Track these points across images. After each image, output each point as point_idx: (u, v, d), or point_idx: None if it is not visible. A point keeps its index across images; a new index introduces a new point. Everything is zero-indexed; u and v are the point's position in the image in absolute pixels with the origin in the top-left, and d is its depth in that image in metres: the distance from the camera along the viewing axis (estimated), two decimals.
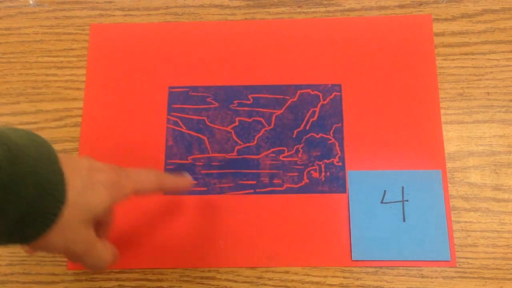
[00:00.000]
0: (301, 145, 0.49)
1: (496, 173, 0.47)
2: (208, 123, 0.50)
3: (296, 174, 0.48)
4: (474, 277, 0.44)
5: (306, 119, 0.49)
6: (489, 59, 0.51)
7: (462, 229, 0.46)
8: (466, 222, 0.46)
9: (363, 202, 0.46)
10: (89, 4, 0.54)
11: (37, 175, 0.29)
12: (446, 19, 0.52)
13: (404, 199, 0.46)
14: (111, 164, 0.37)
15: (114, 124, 0.50)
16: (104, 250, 0.36)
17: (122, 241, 0.47)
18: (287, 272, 0.45)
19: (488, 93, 0.50)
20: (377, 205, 0.46)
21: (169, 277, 0.46)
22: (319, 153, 0.48)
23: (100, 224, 0.39)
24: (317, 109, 0.50)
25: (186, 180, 0.43)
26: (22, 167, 0.29)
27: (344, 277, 0.45)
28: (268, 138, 0.49)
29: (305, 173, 0.48)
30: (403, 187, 0.47)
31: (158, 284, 0.46)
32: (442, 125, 0.49)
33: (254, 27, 0.53)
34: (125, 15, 0.54)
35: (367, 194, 0.47)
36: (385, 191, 0.47)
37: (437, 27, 0.52)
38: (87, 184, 0.34)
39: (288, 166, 0.48)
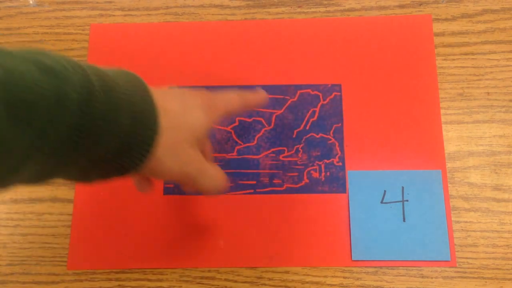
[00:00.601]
0: (301, 145, 0.49)
1: (496, 173, 0.47)
2: None
3: (296, 174, 0.48)
4: (474, 277, 0.44)
5: (306, 119, 0.49)
6: (489, 59, 0.51)
7: (462, 229, 0.46)
8: (466, 222, 0.46)
9: (363, 202, 0.46)
10: (89, 4, 0.54)
11: (131, 104, 0.30)
12: (446, 19, 0.52)
13: (404, 199, 0.46)
14: (200, 89, 0.39)
15: None
16: (216, 170, 0.38)
17: (122, 241, 0.47)
18: (287, 272, 0.45)
19: (488, 93, 0.50)
20: (377, 205, 0.46)
21: (169, 277, 0.46)
22: (319, 153, 0.48)
23: (202, 151, 0.39)
24: (317, 109, 0.50)
25: (262, 94, 0.44)
26: (117, 97, 0.29)
27: (344, 277, 0.45)
28: (268, 138, 0.49)
29: (305, 173, 0.48)
30: (403, 187, 0.47)
31: (158, 284, 0.46)
32: (442, 125, 0.49)
33: (254, 27, 0.53)
34: (125, 15, 0.54)
35: (367, 194, 0.47)
36: (385, 191, 0.47)
37: (437, 27, 0.52)
38: (185, 108, 0.35)
39: (288, 166, 0.48)
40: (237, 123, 0.50)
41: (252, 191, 0.48)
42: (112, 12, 0.54)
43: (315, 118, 0.49)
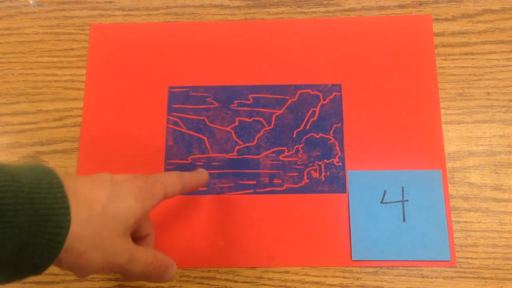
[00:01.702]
0: (301, 145, 0.49)
1: (496, 173, 0.47)
2: (208, 123, 0.50)
3: (296, 174, 0.48)
4: (474, 277, 0.44)
5: (306, 119, 0.49)
6: (489, 59, 0.51)
7: (462, 229, 0.46)
8: (466, 222, 0.46)
9: (363, 202, 0.46)
10: (89, 4, 0.54)
11: (31, 202, 0.28)
12: (446, 19, 0.52)
13: (404, 199, 0.46)
14: (135, 174, 0.36)
15: (114, 124, 0.50)
16: (148, 256, 0.35)
17: None
18: (287, 272, 0.45)
19: (488, 93, 0.50)
20: (377, 205, 0.46)
21: None
22: (319, 153, 0.48)
23: (141, 238, 0.38)
24: (317, 109, 0.50)
25: (203, 175, 0.43)
26: (13, 196, 0.27)
27: (344, 277, 0.45)
28: (268, 138, 0.49)
29: (305, 173, 0.48)
30: (403, 187, 0.47)
31: (158, 284, 0.46)
32: (442, 125, 0.49)
33: (254, 27, 0.53)
34: (125, 15, 0.54)
35: (367, 194, 0.47)
36: (385, 191, 0.47)
37: (437, 27, 0.52)
38: (113, 195, 0.33)
39: (288, 166, 0.48)
40: (237, 123, 0.50)
41: (252, 191, 0.48)
42: (112, 12, 0.54)
43: (315, 118, 0.49)
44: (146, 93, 0.51)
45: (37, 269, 0.30)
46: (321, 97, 0.50)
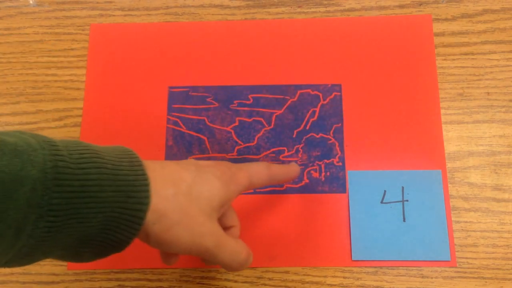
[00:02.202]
0: (301, 145, 0.49)
1: (496, 173, 0.47)
2: (208, 123, 0.50)
3: None
4: (474, 277, 0.44)
5: (306, 119, 0.49)
6: (489, 59, 0.51)
7: (462, 229, 0.46)
8: (466, 222, 0.46)
9: (363, 202, 0.46)
10: (89, 4, 0.54)
11: (115, 178, 0.29)
12: (446, 19, 0.52)
13: (404, 199, 0.46)
14: (222, 161, 0.37)
15: (114, 124, 0.50)
16: (238, 244, 0.35)
17: None
18: (287, 272, 0.45)
19: (488, 93, 0.50)
20: (377, 205, 0.46)
21: (169, 277, 0.46)
22: (319, 153, 0.48)
23: (227, 229, 0.38)
24: (317, 109, 0.50)
25: (294, 168, 0.43)
26: (97, 172, 0.28)
27: (344, 277, 0.45)
28: (268, 138, 0.49)
29: (305, 173, 0.48)
30: (403, 187, 0.47)
31: (158, 284, 0.46)
32: (442, 125, 0.49)
33: (254, 27, 0.53)
34: (125, 15, 0.54)
35: (367, 194, 0.47)
36: (385, 191, 0.47)
37: (437, 27, 0.52)
38: (198, 177, 0.33)
39: None
40: (237, 123, 0.50)
41: (252, 191, 0.48)
42: (112, 12, 0.54)
43: (315, 118, 0.49)
44: (146, 93, 0.51)
45: (120, 244, 0.30)
46: (321, 97, 0.50)
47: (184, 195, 0.32)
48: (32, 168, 0.25)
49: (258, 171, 0.38)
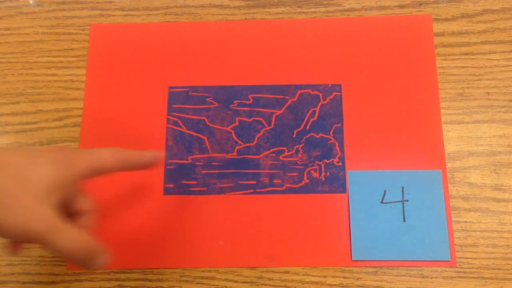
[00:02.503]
0: (301, 145, 0.49)
1: (496, 173, 0.47)
2: (208, 123, 0.50)
3: (296, 174, 0.48)
4: (474, 277, 0.44)
5: (306, 119, 0.49)
6: (489, 59, 0.51)
7: (462, 229, 0.46)
8: (466, 222, 0.46)
9: (363, 202, 0.46)
10: (89, 4, 0.54)
11: None
12: (446, 19, 0.52)
13: (404, 199, 0.46)
14: (62, 146, 0.36)
15: (114, 124, 0.50)
16: (75, 232, 0.33)
17: (122, 241, 0.47)
18: (287, 272, 0.45)
19: (488, 93, 0.50)
20: (377, 205, 0.46)
21: (169, 277, 0.46)
22: (319, 153, 0.48)
23: (76, 215, 0.37)
24: (317, 109, 0.50)
25: (151, 153, 0.40)
26: None
27: (344, 277, 0.45)
28: (268, 138, 0.49)
29: (305, 173, 0.48)
30: (403, 187, 0.47)
31: (158, 284, 0.46)
32: (442, 125, 0.49)
33: (254, 27, 0.53)
34: (125, 15, 0.54)
35: (367, 194, 0.47)
36: (385, 191, 0.47)
37: (437, 27, 0.52)
38: (31, 162, 0.32)
39: (288, 166, 0.48)
40: (237, 123, 0.50)
41: (252, 191, 0.48)
42: (112, 12, 0.54)
43: (315, 118, 0.49)
44: (146, 93, 0.51)
45: None
46: (321, 97, 0.50)
47: (11, 177, 0.31)
48: None
49: (104, 153, 0.37)
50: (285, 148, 0.49)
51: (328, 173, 0.48)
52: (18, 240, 0.33)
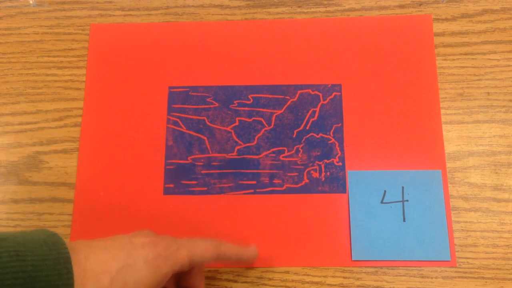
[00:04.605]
0: (301, 145, 0.49)
1: (496, 173, 0.47)
2: (208, 123, 0.50)
3: (296, 174, 0.48)
4: (474, 277, 0.44)
5: (306, 119, 0.49)
6: (489, 59, 0.51)
7: (462, 229, 0.46)
8: (466, 222, 0.46)
9: (363, 202, 0.46)
10: (89, 4, 0.54)
11: (33, 281, 0.29)
12: (446, 19, 0.52)
13: (404, 199, 0.46)
14: (164, 236, 0.36)
15: (114, 124, 0.50)
16: None
17: None
18: (287, 272, 0.45)
19: (488, 93, 0.50)
20: (377, 205, 0.46)
21: None
22: (319, 153, 0.48)
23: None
24: (317, 109, 0.50)
25: (251, 251, 0.42)
26: (15, 277, 0.28)
27: (344, 277, 0.45)
28: (268, 138, 0.49)
29: (305, 173, 0.48)
30: (403, 187, 0.47)
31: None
32: (442, 125, 0.49)
33: (254, 27, 0.53)
34: (125, 15, 0.54)
35: (367, 194, 0.47)
36: (385, 191, 0.47)
37: (437, 27, 0.52)
38: (125, 265, 0.33)
39: (288, 166, 0.48)
40: (237, 123, 0.50)
41: (252, 191, 0.48)
42: (112, 12, 0.54)
43: (315, 118, 0.49)
44: (146, 93, 0.51)
45: None
46: (321, 97, 0.50)
47: (109, 286, 0.32)
48: None
49: (203, 249, 0.37)
50: (285, 148, 0.49)
51: (328, 173, 0.48)
52: None
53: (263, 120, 0.50)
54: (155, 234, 0.37)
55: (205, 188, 0.48)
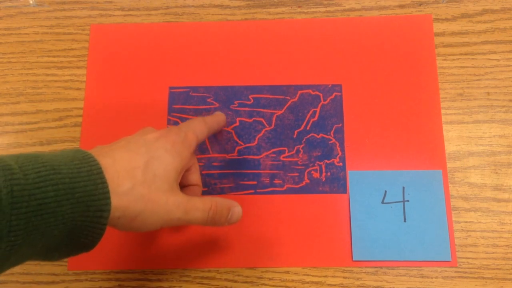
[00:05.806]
0: (302, 145, 0.49)
1: (496, 173, 0.47)
2: None
3: (296, 174, 0.48)
4: (474, 277, 0.45)
5: (306, 119, 0.49)
6: (489, 59, 0.51)
7: (462, 229, 0.46)
8: (466, 222, 0.46)
9: (364, 202, 0.46)
10: (89, 4, 0.54)
11: (73, 191, 0.29)
12: (446, 19, 0.52)
13: (405, 199, 0.46)
14: (168, 128, 0.39)
15: (114, 124, 0.50)
16: (204, 203, 0.37)
17: (122, 241, 0.46)
18: (287, 272, 0.45)
19: (488, 93, 0.50)
20: (377, 205, 0.46)
21: (169, 277, 0.46)
22: (319, 153, 0.48)
23: (187, 185, 0.41)
24: (318, 109, 0.50)
25: (221, 116, 0.47)
26: (54, 189, 0.29)
27: (344, 277, 0.45)
28: (268, 138, 0.49)
29: (305, 174, 0.48)
30: (403, 187, 0.47)
31: (158, 284, 0.46)
32: (443, 125, 0.49)
33: (254, 27, 0.53)
34: (125, 15, 0.54)
35: (368, 194, 0.47)
36: (385, 191, 0.47)
37: (437, 27, 0.52)
38: (150, 158, 0.35)
39: (289, 166, 0.48)
40: (237, 124, 0.50)
41: (252, 191, 0.48)
42: (112, 12, 0.54)
43: (316, 118, 0.49)
44: (146, 93, 0.51)
45: (87, 247, 0.32)
46: (321, 97, 0.50)
47: (141, 183, 0.33)
48: None
49: (200, 127, 0.41)
50: (285, 149, 0.49)
51: (328, 174, 0.48)
52: (159, 229, 0.36)
53: (263, 121, 0.50)
54: (157, 129, 0.39)
55: (206, 189, 0.48)
